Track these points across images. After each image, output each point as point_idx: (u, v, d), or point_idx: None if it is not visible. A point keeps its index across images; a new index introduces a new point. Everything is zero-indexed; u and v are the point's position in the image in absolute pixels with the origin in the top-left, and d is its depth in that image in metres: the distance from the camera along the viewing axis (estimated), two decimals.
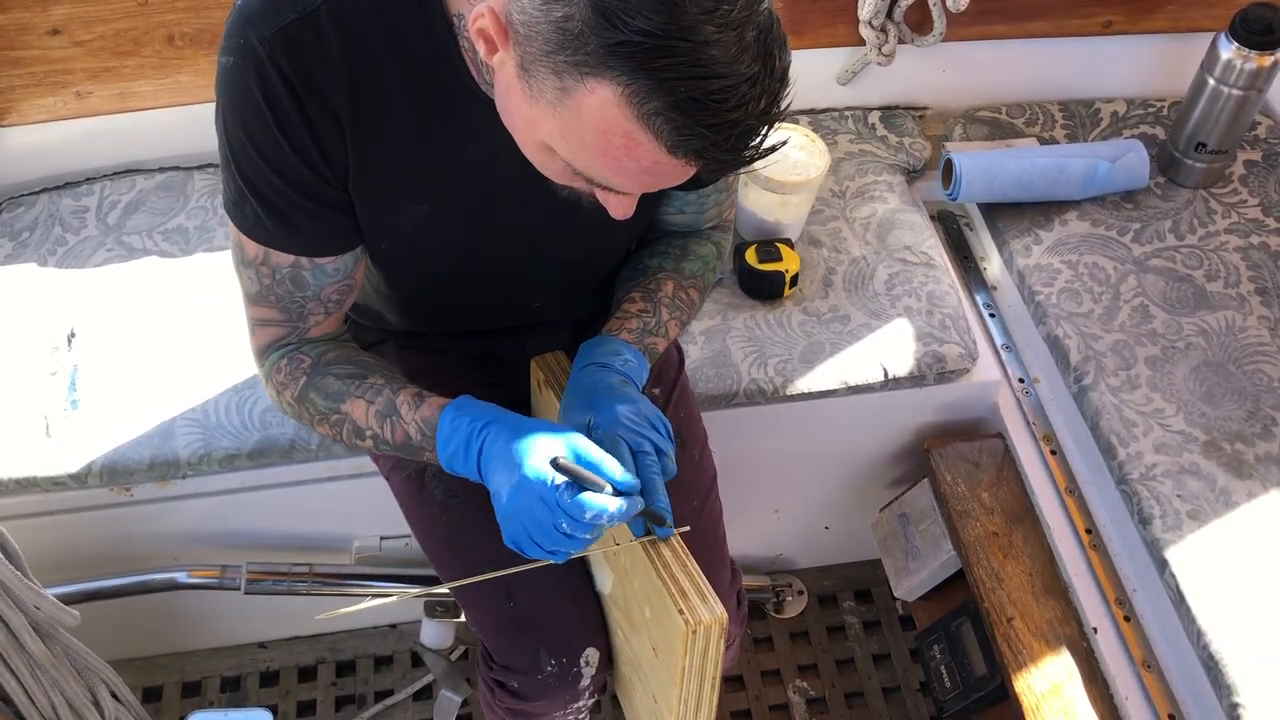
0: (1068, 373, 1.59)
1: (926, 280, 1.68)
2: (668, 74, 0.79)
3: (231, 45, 0.97)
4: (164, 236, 1.72)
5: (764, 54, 0.81)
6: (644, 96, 0.80)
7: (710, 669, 1.03)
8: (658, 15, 0.77)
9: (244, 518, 1.64)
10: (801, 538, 1.96)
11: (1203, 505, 1.42)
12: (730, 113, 0.81)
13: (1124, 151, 1.75)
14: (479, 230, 1.13)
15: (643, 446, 1.03)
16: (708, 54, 0.78)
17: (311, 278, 1.10)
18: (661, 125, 0.81)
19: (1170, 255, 1.70)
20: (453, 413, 1.05)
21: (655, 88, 0.79)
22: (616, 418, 1.04)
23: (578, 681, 1.24)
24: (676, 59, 0.78)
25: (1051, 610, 1.49)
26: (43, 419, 1.51)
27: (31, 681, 1.21)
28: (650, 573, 1.02)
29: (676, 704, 1.05)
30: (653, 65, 0.79)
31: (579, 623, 1.24)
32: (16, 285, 1.66)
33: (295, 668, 1.91)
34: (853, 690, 1.91)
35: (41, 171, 1.78)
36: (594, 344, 1.13)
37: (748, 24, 0.80)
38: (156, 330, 1.61)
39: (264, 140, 0.99)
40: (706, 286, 1.25)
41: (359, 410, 1.10)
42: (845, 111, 1.92)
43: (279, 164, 1.00)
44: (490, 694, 1.29)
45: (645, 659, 1.13)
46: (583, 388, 1.08)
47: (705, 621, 0.97)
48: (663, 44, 0.78)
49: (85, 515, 1.56)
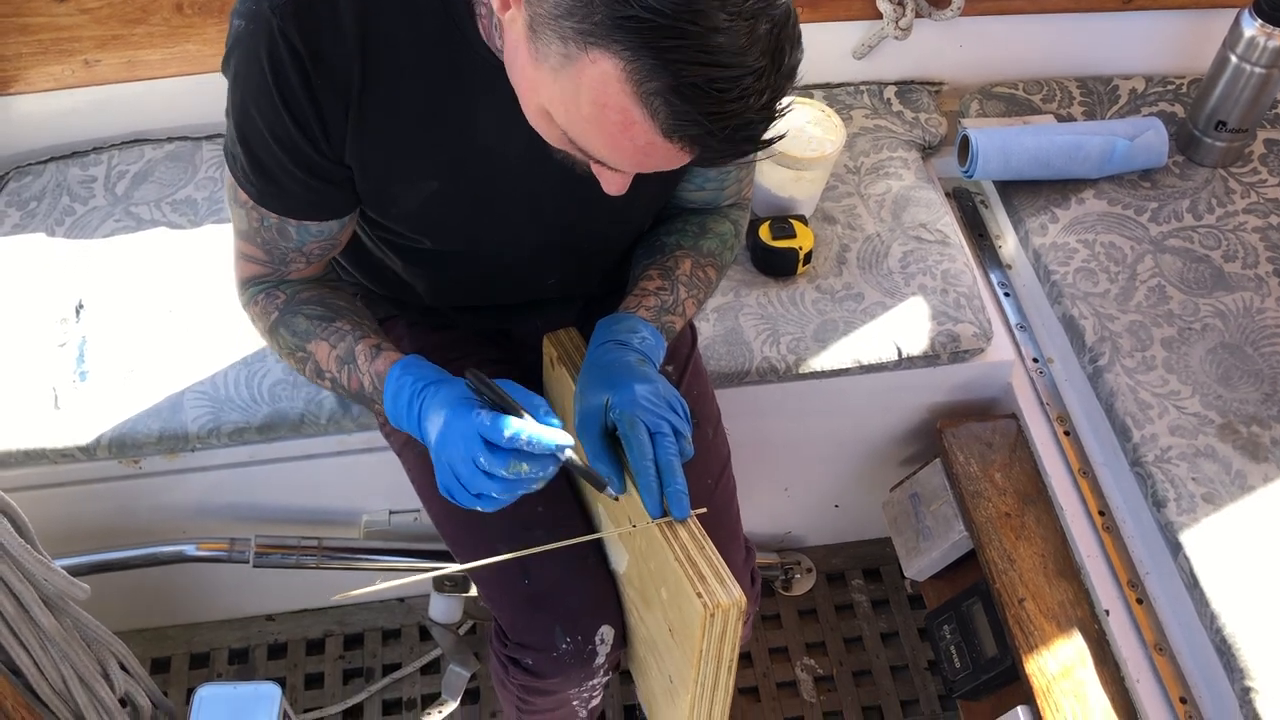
0: (1083, 353, 1.57)
1: (941, 258, 1.67)
2: (673, 55, 0.77)
3: (244, 8, 0.96)
4: (172, 207, 1.71)
5: (774, 48, 0.80)
6: (645, 75, 0.79)
7: (728, 651, 1.02)
8: None
9: (253, 491, 1.63)
10: (811, 516, 1.96)
11: (1218, 488, 1.41)
12: (731, 103, 0.80)
13: (1142, 129, 1.73)
14: (489, 204, 1.12)
15: (661, 428, 1.02)
16: (716, 41, 0.77)
17: (296, 233, 1.10)
18: (659, 106, 0.80)
19: (1188, 235, 1.68)
20: (399, 370, 1.06)
21: (658, 68, 0.78)
22: (635, 398, 1.02)
23: (593, 659, 1.24)
24: (683, 41, 0.77)
25: (1063, 592, 1.49)
26: (51, 391, 1.51)
27: (41, 654, 1.20)
28: (667, 555, 1.01)
29: (693, 685, 1.05)
30: (659, 44, 0.77)
31: (594, 601, 1.24)
32: (24, 255, 1.65)
33: (303, 640, 1.91)
34: (860, 668, 1.91)
35: (49, 140, 1.77)
36: (611, 320, 1.12)
37: (762, 16, 0.78)
38: (165, 302, 1.60)
39: (265, 108, 0.99)
40: (724, 265, 1.24)
41: (322, 352, 1.12)
42: (861, 86, 1.90)
43: (278, 131, 1.00)
44: (504, 670, 1.29)
45: (661, 639, 1.12)
46: (600, 365, 1.07)
47: (724, 605, 0.97)
48: (672, 24, 0.76)
49: (94, 487, 1.56)
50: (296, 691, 1.86)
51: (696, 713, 1.09)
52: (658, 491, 1.01)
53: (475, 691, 1.84)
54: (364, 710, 1.84)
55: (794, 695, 1.87)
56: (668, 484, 1.01)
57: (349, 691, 1.85)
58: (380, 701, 1.84)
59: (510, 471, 0.96)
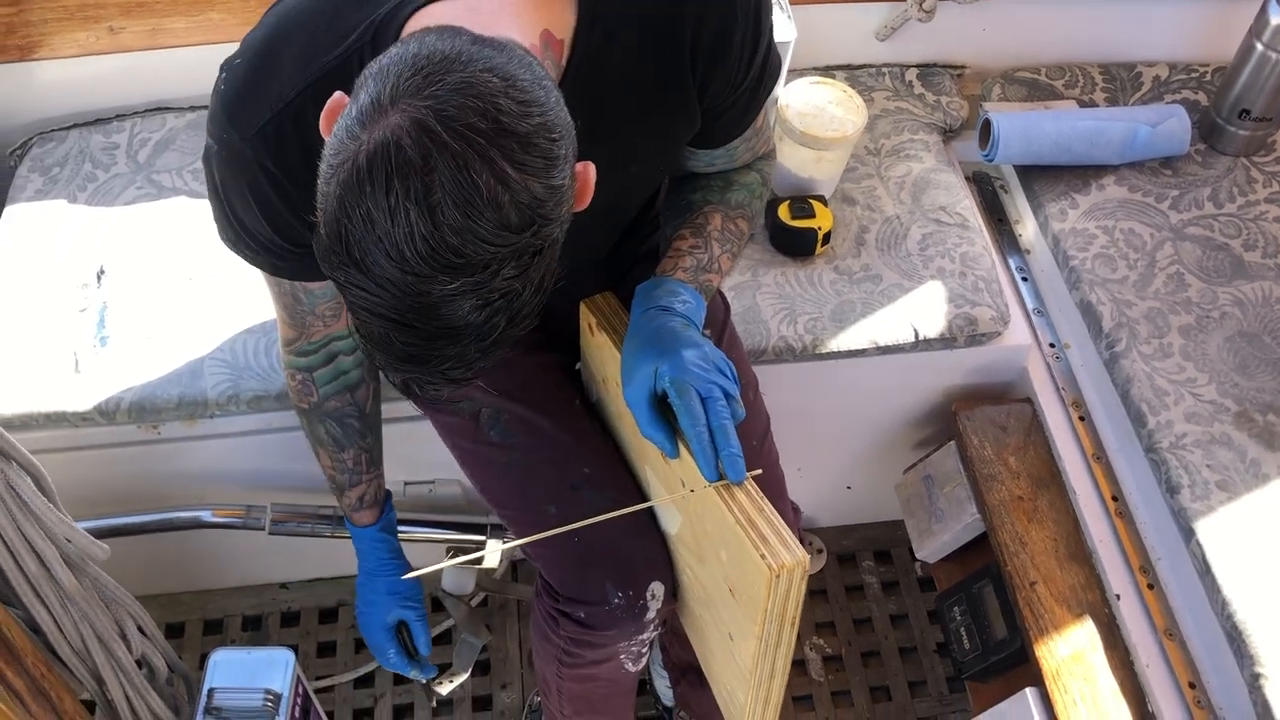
0: (1100, 339, 1.57)
1: (960, 241, 1.66)
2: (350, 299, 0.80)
3: (215, 137, 0.99)
4: (193, 176, 1.71)
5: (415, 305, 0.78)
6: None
7: (791, 609, 1.03)
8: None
9: (269, 459, 1.64)
10: (823, 496, 1.96)
11: (1232, 476, 1.41)
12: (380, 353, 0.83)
13: (1165, 116, 1.72)
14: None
15: (712, 393, 1.03)
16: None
17: (305, 298, 1.16)
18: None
19: (1208, 223, 1.68)
20: (365, 545, 1.41)
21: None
22: (684, 365, 1.04)
23: (644, 614, 1.24)
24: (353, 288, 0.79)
25: (1075, 576, 1.49)
26: (72, 355, 1.52)
27: (61, 613, 1.22)
28: (726, 518, 1.02)
29: (757, 643, 1.06)
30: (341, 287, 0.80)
31: (645, 558, 1.24)
32: (47, 221, 1.66)
33: (316, 609, 1.93)
34: (869, 649, 1.92)
35: (72, 107, 1.78)
36: (651, 286, 1.13)
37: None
38: (185, 270, 1.61)
39: (248, 217, 1.02)
40: (754, 215, 1.24)
41: (325, 463, 1.34)
42: (883, 68, 1.89)
43: (262, 234, 1.03)
44: (552, 624, 1.29)
45: (720, 598, 1.13)
46: (646, 334, 1.08)
47: (788, 565, 0.98)
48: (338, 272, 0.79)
49: (113, 452, 1.57)
50: (309, 659, 1.88)
51: (760, 669, 1.10)
52: (713, 456, 1.03)
53: (485, 664, 1.86)
54: (375, 679, 1.86)
55: (802, 674, 1.88)
56: (722, 448, 1.03)
57: (360, 660, 1.87)
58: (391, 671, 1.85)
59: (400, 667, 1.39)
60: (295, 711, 1.49)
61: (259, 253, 1.07)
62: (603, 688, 1.41)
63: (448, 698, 1.71)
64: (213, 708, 1.45)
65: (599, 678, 1.37)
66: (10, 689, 1.12)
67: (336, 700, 1.83)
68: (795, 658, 1.88)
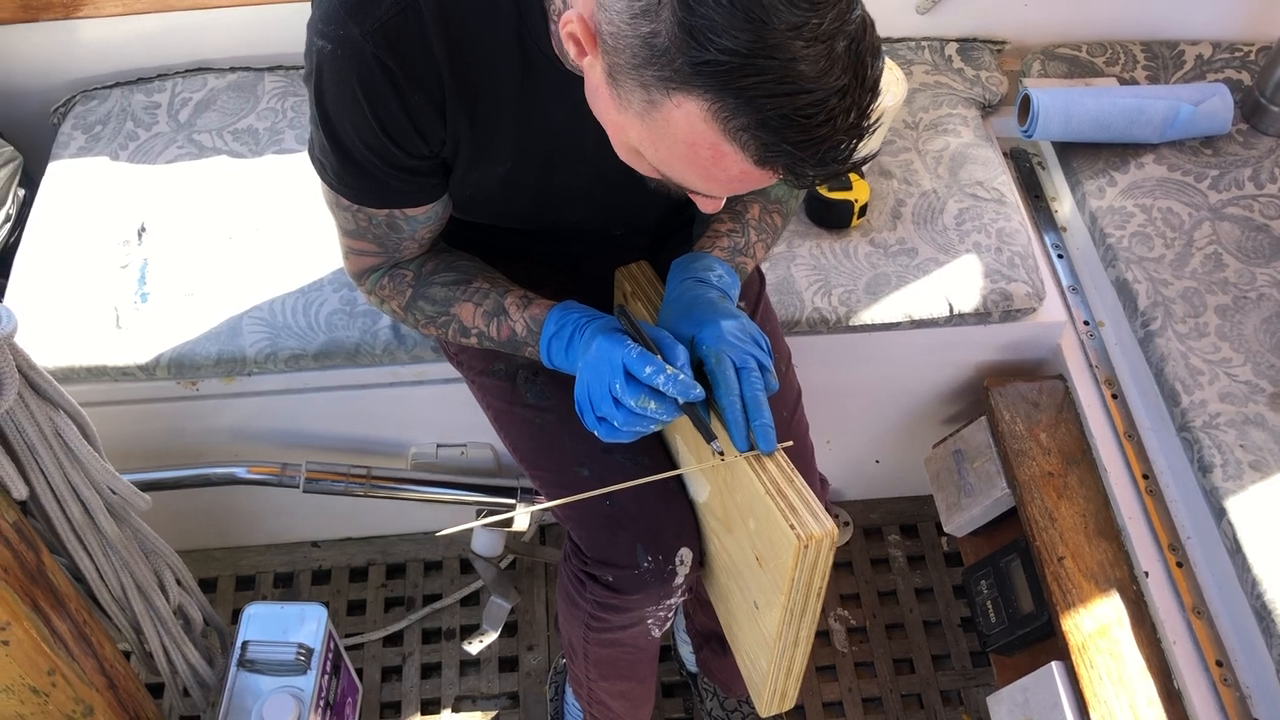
0: (1135, 317, 1.57)
1: (997, 217, 1.66)
2: (754, 92, 0.78)
3: (331, 33, 0.98)
4: (234, 136, 1.73)
5: (855, 64, 0.80)
6: (730, 113, 0.80)
7: (818, 580, 1.04)
8: (744, 34, 0.76)
9: (304, 418, 1.66)
10: (851, 469, 1.97)
11: (1265, 456, 1.41)
12: (818, 128, 0.80)
13: (1207, 95, 1.71)
14: (561, 183, 1.15)
15: (747, 363, 1.05)
16: (795, 70, 0.77)
17: (406, 224, 1.14)
18: (748, 140, 0.81)
19: (1248, 204, 1.67)
20: (560, 312, 1.13)
21: (742, 105, 0.79)
22: (721, 334, 1.05)
23: (672, 579, 1.25)
24: (763, 77, 0.77)
25: (1103, 552, 1.49)
26: (113, 310, 1.54)
27: (104, 561, 1.24)
28: (756, 487, 1.03)
29: (783, 613, 1.07)
30: (739, 84, 0.78)
31: (674, 523, 1.25)
32: (89, 178, 1.68)
33: (347, 568, 1.96)
34: (894, 621, 1.93)
35: (115, 66, 1.79)
36: (689, 259, 1.15)
37: (838, 35, 0.78)
38: (225, 229, 1.62)
39: (360, 126, 1.02)
40: (789, 213, 1.26)
41: (466, 312, 1.18)
42: (922, 42, 1.88)
43: (372, 144, 1.03)
44: (579, 587, 1.31)
45: (747, 567, 1.14)
46: (683, 302, 1.10)
47: (816, 536, 0.99)
48: (749, 62, 0.77)
49: (151, 407, 1.59)
50: (339, 617, 1.90)
51: (784, 638, 1.11)
52: (744, 426, 1.04)
53: (513, 625, 1.88)
54: (404, 638, 1.88)
55: (827, 644, 1.90)
56: (754, 418, 1.04)
57: (390, 619, 1.89)
58: (420, 630, 1.88)
59: (639, 405, 1.02)
60: (327, 666, 1.52)
61: (366, 179, 1.07)
62: (628, 653, 1.42)
63: (476, 657, 1.73)
64: (246, 660, 1.47)
65: (624, 643, 1.39)
66: (55, 634, 1.15)
67: (366, 658, 1.85)
68: (820, 629, 1.89)
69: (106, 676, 1.27)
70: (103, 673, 1.26)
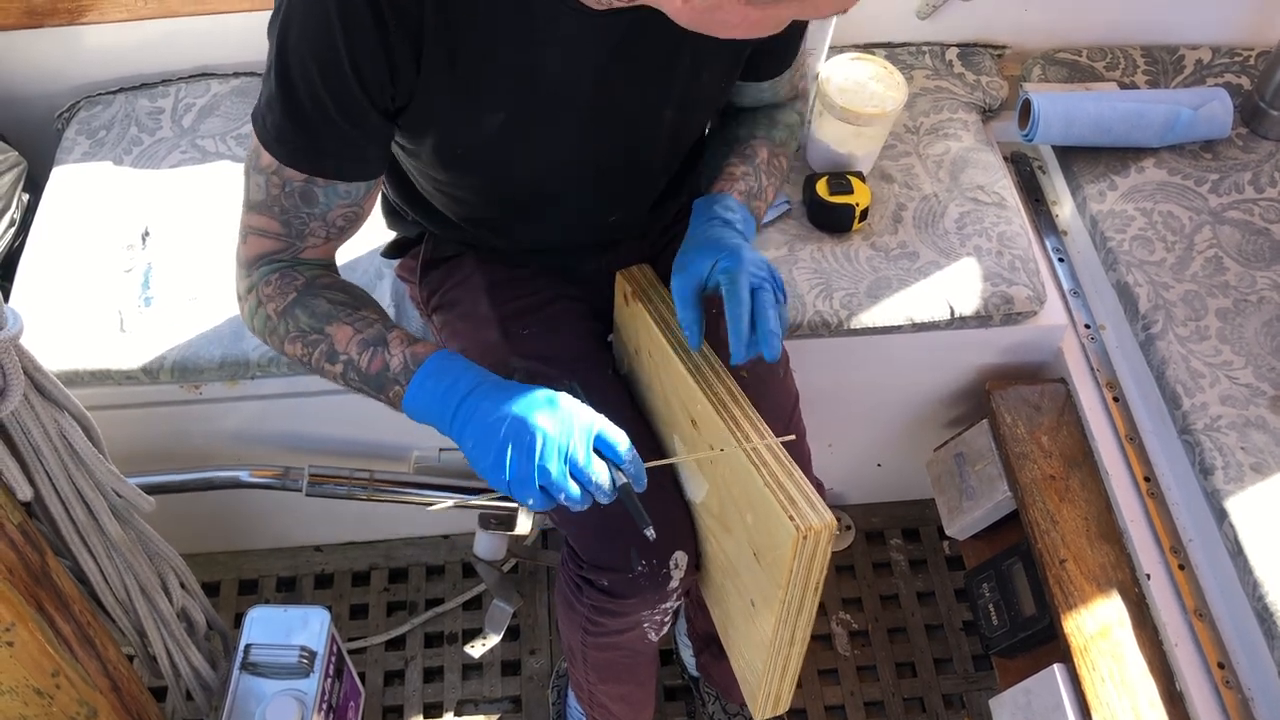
0: (1135, 320, 1.57)
1: (998, 221, 1.67)
2: None
3: None
4: (237, 141, 1.73)
5: None
6: None
7: (815, 575, 1.04)
8: None
9: (307, 421, 1.66)
10: (853, 473, 1.97)
11: (1267, 459, 1.41)
12: None
13: (1207, 99, 1.72)
14: (554, 138, 1.14)
15: (763, 285, 1.10)
16: None
17: (322, 196, 1.07)
18: None
19: (1248, 208, 1.67)
20: (446, 358, 1.05)
21: None
22: (742, 260, 1.10)
23: (667, 583, 1.26)
24: None
25: (1105, 555, 1.50)
26: (117, 314, 1.54)
27: (107, 562, 1.24)
28: (754, 480, 1.03)
29: (779, 608, 1.07)
30: None
31: (669, 527, 1.25)
32: (93, 183, 1.68)
33: (349, 572, 1.96)
34: (896, 625, 1.93)
35: (119, 71, 1.80)
36: (710, 200, 1.20)
37: None
38: (228, 234, 1.62)
39: (325, 55, 0.97)
40: (791, 155, 1.33)
41: (343, 335, 1.08)
42: (923, 47, 1.89)
43: (333, 80, 0.98)
44: (576, 591, 1.31)
45: (744, 565, 1.14)
46: (708, 237, 1.15)
47: (815, 527, 0.99)
48: None
49: (155, 410, 1.60)
50: (341, 621, 1.90)
51: (780, 636, 1.11)
52: (746, 337, 1.08)
53: (515, 629, 1.88)
54: (406, 641, 1.88)
55: (828, 648, 1.90)
56: (760, 324, 1.07)
57: (392, 623, 1.90)
58: (422, 634, 1.88)
59: (595, 474, 0.98)
60: (330, 669, 1.52)
61: (303, 133, 1.01)
62: (626, 656, 1.43)
63: (478, 661, 1.73)
64: (249, 663, 1.47)
65: (622, 646, 1.39)
66: (59, 635, 1.15)
67: (368, 662, 1.86)
68: (822, 632, 1.91)
69: (110, 679, 1.27)
70: (106, 675, 1.26)
